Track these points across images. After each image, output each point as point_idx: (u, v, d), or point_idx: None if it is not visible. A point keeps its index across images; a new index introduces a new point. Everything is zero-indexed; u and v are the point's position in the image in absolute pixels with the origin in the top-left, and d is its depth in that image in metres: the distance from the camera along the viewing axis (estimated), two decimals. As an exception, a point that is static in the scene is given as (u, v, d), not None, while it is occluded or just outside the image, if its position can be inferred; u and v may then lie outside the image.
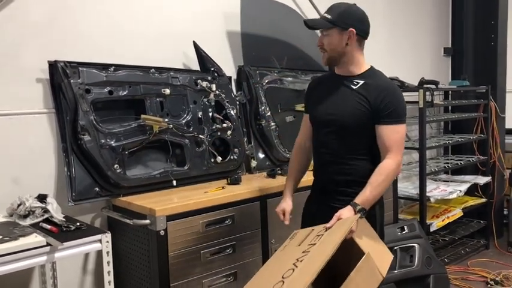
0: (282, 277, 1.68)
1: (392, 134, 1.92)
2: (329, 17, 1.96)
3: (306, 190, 2.25)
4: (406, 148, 3.95)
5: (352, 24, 1.95)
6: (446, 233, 4.03)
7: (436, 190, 3.84)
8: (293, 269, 1.69)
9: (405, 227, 3.24)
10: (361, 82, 1.98)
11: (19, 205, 2.05)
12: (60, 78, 2.28)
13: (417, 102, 3.59)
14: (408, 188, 3.91)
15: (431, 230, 3.62)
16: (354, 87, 1.98)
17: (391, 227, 3.25)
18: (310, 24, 2.03)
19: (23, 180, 2.26)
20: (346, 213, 1.86)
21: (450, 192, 3.80)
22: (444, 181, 4.26)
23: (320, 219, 1.97)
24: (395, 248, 3.12)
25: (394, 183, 3.38)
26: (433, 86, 3.68)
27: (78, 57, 2.37)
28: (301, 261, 1.72)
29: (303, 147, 2.23)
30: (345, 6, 2.00)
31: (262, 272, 1.91)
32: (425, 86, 3.67)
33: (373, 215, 2.02)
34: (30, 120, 2.31)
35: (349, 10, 1.99)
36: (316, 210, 2.11)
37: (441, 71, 4.76)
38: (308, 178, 2.26)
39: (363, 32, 2.00)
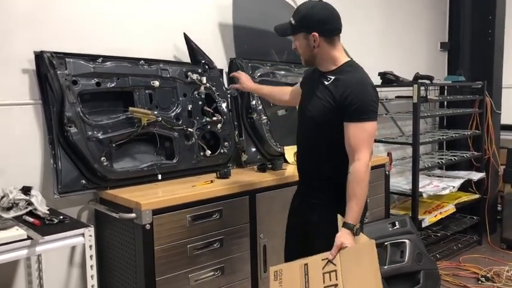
0: None
1: (358, 132, 1.87)
2: (293, 22, 1.97)
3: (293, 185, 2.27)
4: (400, 143, 3.99)
5: (314, 27, 1.91)
6: (439, 228, 4.03)
7: (429, 186, 3.83)
8: None
9: (396, 223, 3.23)
10: (333, 78, 1.96)
11: (2, 197, 2.03)
12: (47, 69, 2.24)
13: (411, 97, 3.57)
14: (401, 183, 3.90)
15: (423, 225, 3.61)
16: (326, 83, 1.97)
17: (382, 223, 3.24)
18: (276, 32, 2.08)
19: (8, 172, 2.24)
20: (348, 239, 1.81)
21: (443, 188, 3.79)
22: (438, 177, 4.24)
23: (299, 212, 2.12)
24: (385, 243, 3.11)
25: (386, 178, 3.37)
26: (428, 81, 3.65)
27: (66, 48, 2.34)
28: None
29: (286, 92, 2.44)
30: (307, 9, 1.95)
31: None
32: (419, 81, 3.64)
33: None
34: (16, 111, 2.28)
35: (310, 13, 1.93)
36: (297, 204, 2.18)
37: (437, 66, 4.73)
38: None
39: (329, 31, 1.95)
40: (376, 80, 3.93)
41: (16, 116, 2.28)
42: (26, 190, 2.08)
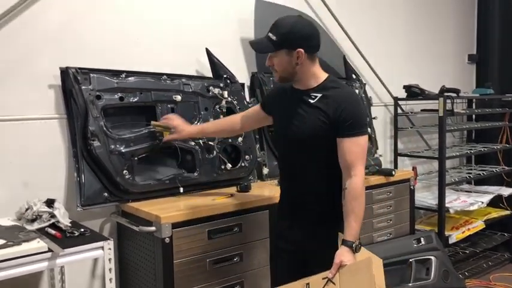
0: None
1: (353, 147, 1.84)
2: (274, 38, 1.85)
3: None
4: (426, 157, 3.91)
5: (299, 43, 1.85)
6: (467, 245, 3.91)
7: (456, 201, 3.73)
8: None
9: (422, 239, 3.14)
10: (319, 95, 1.90)
11: (27, 209, 2.08)
12: (72, 84, 2.30)
13: (437, 110, 3.50)
14: (427, 198, 3.81)
15: (451, 242, 3.52)
16: (312, 102, 1.91)
17: (406, 238, 3.17)
18: (255, 48, 1.98)
19: (33, 184, 2.29)
20: (347, 256, 1.77)
21: (471, 203, 3.69)
22: (466, 192, 4.13)
23: (294, 234, 2.01)
24: (410, 260, 3.03)
25: (411, 193, 3.30)
26: (454, 94, 3.58)
27: (91, 63, 2.40)
28: None
29: (236, 121, 2.30)
30: (290, 24, 1.87)
31: None
32: (445, 94, 3.57)
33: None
34: (42, 125, 2.34)
35: (295, 29, 1.86)
36: (287, 228, 2.07)
37: (465, 78, 4.64)
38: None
39: (312, 47, 1.90)
40: (401, 93, 3.88)
41: (42, 130, 2.34)
42: (49, 203, 2.12)
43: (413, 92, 3.75)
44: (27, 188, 2.27)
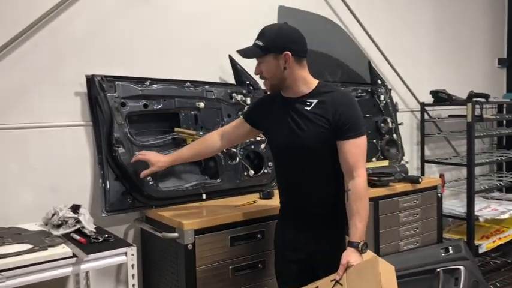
0: None
1: (353, 149, 1.85)
2: (261, 43, 1.89)
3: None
4: (454, 164, 3.82)
5: (286, 46, 1.86)
6: (498, 255, 3.79)
7: (486, 209, 3.63)
8: None
9: (450, 248, 3.06)
10: (315, 101, 1.89)
11: (53, 215, 2.11)
12: (97, 91, 2.34)
13: (465, 116, 3.42)
14: (456, 205, 3.72)
15: (481, 251, 3.42)
16: (308, 108, 1.89)
17: (434, 247, 3.08)
18: (243, 55, 1.97)
19: (60, 190, 2.34)
20: (353, 257, 1.75)
21: (502, 211, 3.59)
22: (497, 199, 4.02)
23: (301, 242, 1.97)
24: (438, 270, 2.96)
25: (439, 200, 3.22)
26: (483, 100, 3.49)
27: (116, 71, 2.44)
28: None
29: (214, 140, 2.24)
30: (276, 30, 1.93)
31: None
32: (474, 99, 3.49)
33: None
34: (69, 132, 2.39)
35: (281, 32, 1.91)
36: (293, 237, 2.02)
37: (495, 83, 4.52)
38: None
39: (299, 51, 1.90)
40: (428, 99, 3.81)
41: (68, 137, 2.38)
42: (75, 208, 2.16)
43: (440, 98, 3.67)
44: (54, 194, 2.32)
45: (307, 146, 1.89)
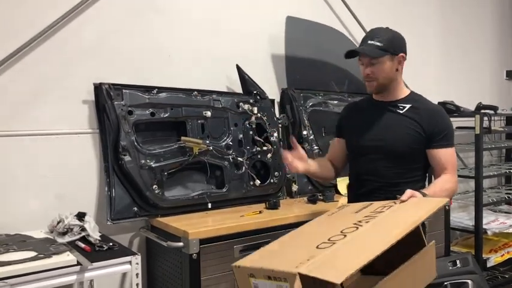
0: (342, 232, 1.45)
1: (447, 156, 1.90)
2: (379, 44, 1.92)
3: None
4: (462, 176, 3.78)
5: (401, 49, 1.96)
6: (507, 269, 3.72)
7: (494, 222, 3.58)
8: (357, 227, 1.47)
9: (457, 261, 3.02)
10: (408, 106, 1.94)
11: (58, 222, 2.11)
12: (104, 99, 2.35)
13: (473, 128, 3.39)
14: (463, 218, 3.67)
15: (489, 265, 3.37)
16: (401, 112, 1.94)
17: (441, 261, 3.04)
18: (362, 53, 1.96)
19: (66, 197, 2.34)
20: (416, 194, 1.74)
21: (510, 225, 3.54)
22: (505, 213, 3.97)
23: None
24: (445, 283, 2.92)
25: (446, 213, 3.19)
26: (491, 111, 3.47)
27: (123, 79, 2.45)
28: (366, 222, 1.51)
29: (328, 161, 2.24)
30: (391, 32, 2.00)
31: (308, 226, 1.75)
32: (482, 111, 3.46)
33: None
34: (76, 140, 2.39)
35: (396, 35, 2.00)
36: None
37: (503, 95, 4.50)
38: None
39: (406, 55, 1.99)
40: (436, 110, 3.78)
41: (75, 144, 2.39)
42: (80, 216, 2.15)
43: (448, 109, 3.63)
44: (60, 201, 2.32)
45: (392, 147, 1.94)
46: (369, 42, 1.93)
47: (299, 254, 1.34)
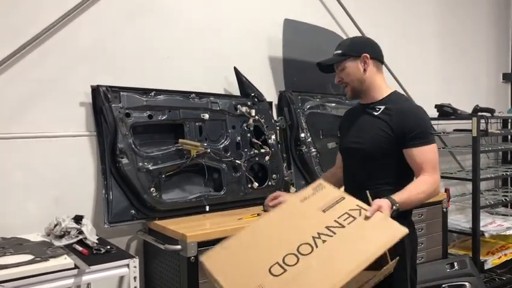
0: (298, 250, 1.51)
1: (422, 155, 1.83)
2: (339, 51, 1.97)
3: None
4: (459, 179, 3.79)
5: (363, 49, 1.94)
6: (504, 271, 3.73)
7: (491, 225, 3.59)
8: (312, 248, 1.51)
9: (455, 264, 3.04)
10: (383, 107, 1.92)
11: (56, 225, 2.10)
12: (102, 102, 2.34)
13: (470, 130, 3.40)
14: (461, 221, 3.69)
15: (486, 267, 3.38)
16: (376, 113, 1.92)
17: (439, 263, 3.06)
18: (323, 63, 2.01)
19: (63, 200, 2.33)
20: (385, 206, 1.66)
21: (508, 227, 3.54)
22: (502, 215, 3.98)
23: None
24: (443, 285, 2.92)
25: (444, 215, 3.19)
26: (488, 114, 3.48)
27: (121, 82, 2.44)
28: (323, 241, 1.53)
29: (333, 173, 2.21)
30: (350, 39, 2.10)
31: (273, 221, 1.74)
32: (479, 113, 3.48)
33: (403, 249, 1.82)
34: (73, 142, 2.38)
35: (355, 39, 2.08)
36: None
37: (500, 98, 4.52)
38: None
39: (376, 54, 1.97)
40: (433, 113, 3.79)
41: (72, 147, 2.38)
42: (77, 219, 2.14)
43: (445, 112, 3.66)
44: (57, 204, 2.31)
45: (364, 149, 1.92)
46: (334, 53, 1.99)
47: (253, 273, 1.49)
